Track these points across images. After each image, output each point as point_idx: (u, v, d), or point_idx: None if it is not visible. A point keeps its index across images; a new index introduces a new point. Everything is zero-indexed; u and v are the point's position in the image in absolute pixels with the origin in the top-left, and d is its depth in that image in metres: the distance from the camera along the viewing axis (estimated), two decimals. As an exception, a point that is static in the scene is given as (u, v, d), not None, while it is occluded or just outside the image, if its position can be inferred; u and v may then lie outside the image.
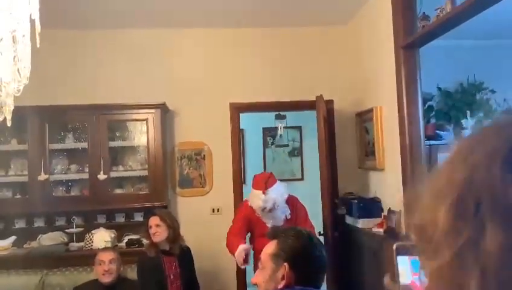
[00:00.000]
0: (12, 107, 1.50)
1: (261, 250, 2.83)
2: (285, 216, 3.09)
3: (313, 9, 3.74)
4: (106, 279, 2.88)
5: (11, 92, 1.47)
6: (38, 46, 1.58)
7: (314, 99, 3.85)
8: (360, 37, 3.95)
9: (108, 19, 3.72)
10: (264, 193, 2.99)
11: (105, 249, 3.18)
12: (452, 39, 3.20)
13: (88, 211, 3.74)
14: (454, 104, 4.34)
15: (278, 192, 3.04)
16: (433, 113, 4.30)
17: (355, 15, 3.97)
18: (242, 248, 2.92)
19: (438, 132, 4.07)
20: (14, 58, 1.46)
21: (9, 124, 1.50)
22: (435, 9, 2.65)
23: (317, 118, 3.66)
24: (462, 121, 4.24)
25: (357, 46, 4.02)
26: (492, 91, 4.44)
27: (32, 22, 1.54)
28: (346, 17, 4.02)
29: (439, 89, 4.42)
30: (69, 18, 3.62)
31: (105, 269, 2.84)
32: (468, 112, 4.26)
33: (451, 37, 2.92)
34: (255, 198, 3.04)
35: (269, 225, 3.00)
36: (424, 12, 2.84)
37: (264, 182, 3.04)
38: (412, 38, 2.94)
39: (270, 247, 1.41)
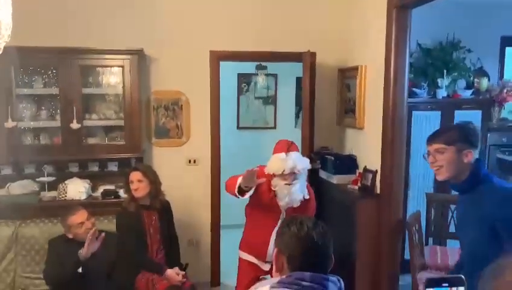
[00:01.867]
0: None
1: (258, 224, 2.78)
2: (303, 196, 2.73)
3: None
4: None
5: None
6: None
7: (298, 51, 3.75)
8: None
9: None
10: (286, 153, 2.67)
11: (73, 209, 2.92)
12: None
13: (59, 161, 3.58)
14: (432, 62, 4.38)
15: (300, 158, 2.71)
16: (412, 69, 4.32)
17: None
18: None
19: (414, 89, 4.13)
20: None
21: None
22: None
23: (303, 73, 3.59)
24: (438, 79, 4.31)
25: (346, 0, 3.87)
26: (469, 50, 4.50)
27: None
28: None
29: (419, 45, 4.42)
30: None
31: (88, 227, 2.78)
32: (445, 71, 4.33)
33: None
34: (275, 160, 2.67)
35: (284, 204, 2.68)
36: (422, -27, 2.74)
37: (287, 146, 2.72)
38: (408, -1, 2.86)
39: None
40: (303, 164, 2.68)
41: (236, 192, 2.63)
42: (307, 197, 2.76)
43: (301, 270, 1.28)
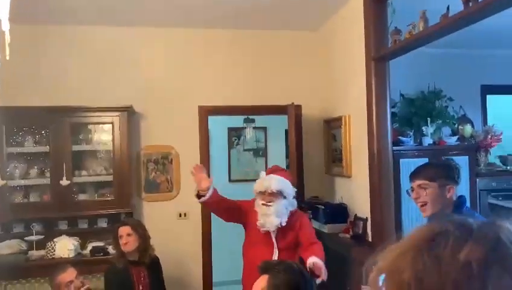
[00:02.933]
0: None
1: (252, 261, 2.76)
2: (280, 223, 2.68)
3: (283, 13, 3.73)
4: None
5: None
6: (8, 43, 1.47)
7: (283, 104, 3.87)
8: (331, 45, 4.00)
9: (72, 14, 3.52)
10: (266, 174, 2.77)
11: (62, 269, 2.80)
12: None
13: (48, 218, 3.56)
14: (416, 111, 4.51)
15: (279, 181, 2.70)
16: (396, 118, 4.45)
17: (326, 22, 4.00)
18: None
19: (400, 137, 4.22)
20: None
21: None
22: (407, 25, 2.72)
23: (288, 125, 3.68)
24: (422, 127, 4.42)
25: (327, 53, 4.07)
26: (450, 99, 4.66)
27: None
28: (317, 23, 4.05)
29: (402, 96, 4.58)
30: (30, 12, 3.38)
31: (77, 286, 2.71)
32: (429, 119, 4.45)
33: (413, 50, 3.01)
34: (258, 179, 2.78)
35: (259, 225, 2.68)
36: (396, 27, 2.91)
37: (273, 169, 2.84)
38: (384, 51, 3.01)
39: (262, 282, 1.40)
40: (279, 185, 2.67)
41: (195, 196, 2.72)
42: (284, 224, 2.69)
43: None
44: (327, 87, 4.05)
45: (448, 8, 2.36)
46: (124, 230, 2.95)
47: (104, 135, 3.67)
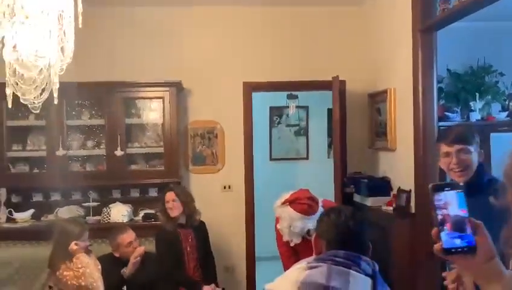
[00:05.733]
0: (57, 85, 1.54)
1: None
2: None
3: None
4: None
5: (57, 71, 1.51)
6: (80, 26, 1.61)
7: (327, 79, 3.90)
8: (375, 18, 3.96)
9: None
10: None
11: (122, 229, 3.10)
12: (461, 21, 3.21)
13: (103, 186, 3.81)
14: (464, 87, 4.39)
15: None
16: (443, 94, 4.36)
17: (370, -4, 3.97)
18: None
19: (446, 113, 4.15)
20: (60, 38, 1.50)
21: (55, 101, 1.55)
22: (456, -7, 2.66)
23: (332, 98, 3.71)
24: (470, 103, 4.31)
25: (371, 27, 4.04)
26: (501, 74, 4.50)
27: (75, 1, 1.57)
28: (361, -2, 4.02)
29: (449, 71, 4.47)
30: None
31: (135, 247, 2.93)
32: (477, 94, 4.33)
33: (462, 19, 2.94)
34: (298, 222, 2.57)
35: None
36: (444, -5, 2.85)
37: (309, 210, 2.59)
38: (431, 21, 2.97)
39: None
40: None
41: None
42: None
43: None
44: (371, 61, 4.03)
45: (500, -29, 2.30)
46: (169, 196, 3.13)
47: (154, 109, 3.86)
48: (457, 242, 0.81)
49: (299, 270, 1.40)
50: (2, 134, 3.60)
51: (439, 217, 0.83)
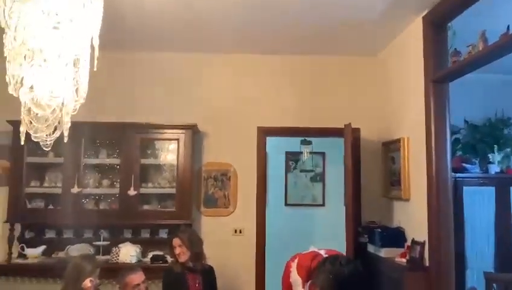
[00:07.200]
0: (69, 124, 1.62)
1: None
2: None
3: (343, 39, 3.85)
4: None
5: (69, 111, 1.59)
6: (95, 69, 1.70)
7: (341, 126, 3.92)
8: (389, 69, 4.03)
9: (146, 42, 3.90)
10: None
11: (133, 270, 3.02)
12: (479, 73, 3.23)
13: (115, 226, 3.84)
14: (482, 138, 4.35)
15: None
16: (460, 146, 4.31)
17: (385, 47, 4.05)
18: None
19: (463, 164, 4.08)
20: (75, 80, 1.59)
21: (66, 140, 1.61)
22: (467, 46, 2.71)
23: (344, 145, 3.71)
24: (489, 155, 4.24)
25: (385, 77, 4.10)
26: (520, 126, 4.44)
27: (91, 46, 1.68)
28: (376, 48, 4.11)
29: (466, 122, 4.45)
30: (108, 39, 3.79)
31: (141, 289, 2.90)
32: (496, 147, 4.26)
33: (478, 70, 2.97)
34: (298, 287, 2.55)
35: None
36: (455, 48, 2.90)
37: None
38: (443, 72, 3.00)
39: None
40: None
41: None
42: None
43: None
44: (385, 110, 4.05)
45: (508, 27, 2.34)
46: (176, 241, 3.15)
47: (170, 150, 3.94)
48: None
49: None
50: (21, 170, 3.72)
51: None
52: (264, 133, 4.12)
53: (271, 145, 4.24)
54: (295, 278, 2.56)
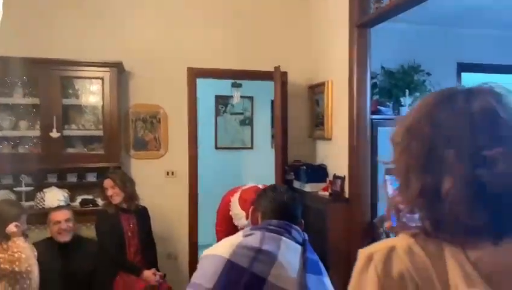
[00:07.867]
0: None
1: None
2: None
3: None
4: (62, 238, 2.90)
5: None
6: None
7: (270, 69, 4.01)
8: (316, 12, 4.14)
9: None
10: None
11: (58, 207, 3.15)
12: (396, 22, 3.46)
13: (37, 170, 3.64)
14: (396, 83, 4.72)
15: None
16: (377, 90, 4.66)
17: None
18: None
19: (379, 107, 4.43)
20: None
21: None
22: (389, -7, 2.87)
23: (274, 89, 3.82)
24: (401, 98, 4.64)
25: (312, 20, 4.21)
26: (428, 74, 4.89)
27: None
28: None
29: (383, 68, 4.78)
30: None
31: (62, 227, 2.85)
32: (407, 91, 4.67)
33: (394, 19, 3.19)
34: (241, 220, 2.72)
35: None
36: (378, -6, 3.07)
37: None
38: (366, 18, 3.17)
39: None
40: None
41: None
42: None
43: None
44: (311, 52, 4.20)
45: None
46: (107, 183, 3.11)
47: (94, 90, 3.73)
48: None
49: (235, 237, 1.50)
50: None
51: None
52: (195, 74, 4.08)
53: (200, 88, 4.22)
54: (237, 211, 2.70)
